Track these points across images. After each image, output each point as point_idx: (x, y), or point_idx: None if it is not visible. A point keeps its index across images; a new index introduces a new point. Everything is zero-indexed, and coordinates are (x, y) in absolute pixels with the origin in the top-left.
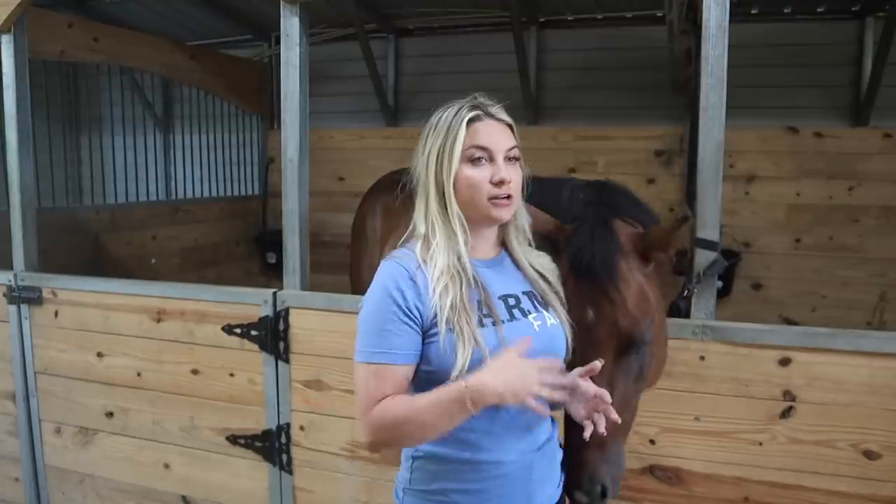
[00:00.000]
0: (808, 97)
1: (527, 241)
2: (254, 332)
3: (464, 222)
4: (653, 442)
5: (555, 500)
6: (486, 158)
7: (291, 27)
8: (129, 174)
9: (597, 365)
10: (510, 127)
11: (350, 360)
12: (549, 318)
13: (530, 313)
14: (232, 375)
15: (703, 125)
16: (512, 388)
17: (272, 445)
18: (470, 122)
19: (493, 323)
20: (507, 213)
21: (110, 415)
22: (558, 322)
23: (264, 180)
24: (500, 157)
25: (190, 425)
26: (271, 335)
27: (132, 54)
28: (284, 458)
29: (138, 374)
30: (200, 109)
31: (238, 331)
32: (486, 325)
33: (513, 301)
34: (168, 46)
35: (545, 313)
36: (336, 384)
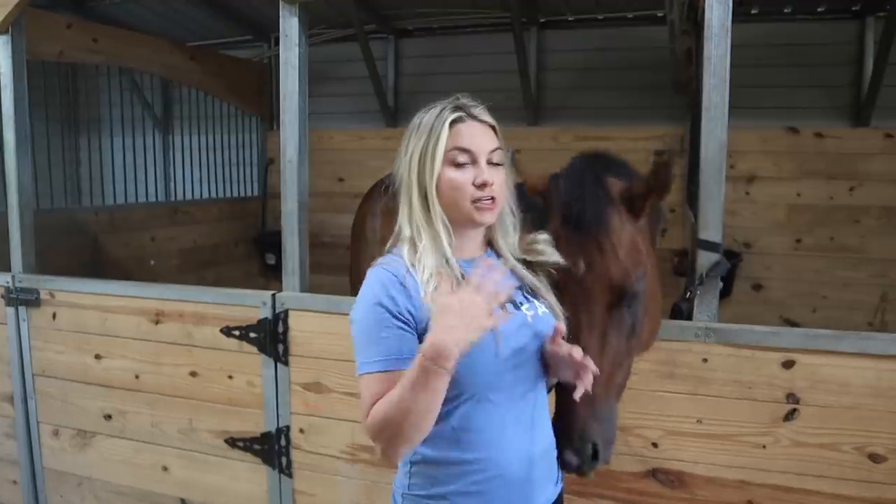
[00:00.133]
0: (808, 97)
1: (514, 239)
2: (253, 335)
3: (447, 224)
4: (655, 445)
5: (553, 498)
6: (468, 160)
7: (291, 28)
8: (128, 175)
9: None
10: (493, 128)
11: (350, 363)
12: (540, 308)
13: (522, 305)
14: (231, 378)
15: (705, 125)
16: (458, 336)
17: (271, 448)
18: (452, 123)
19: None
20: (490, 217)
21: (108, 417)
22: (550, 310)
23: (264, 181)
24: (483, 159)
25: (188, 428)
26: (270, 337)
27: (131, 55)
28: (284, 461)
29: (136, 377)
30: (200, 110)
31: (237, 333)
32: None
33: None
34: (167, 47)
35: (536, 303)
36: (335, 387)
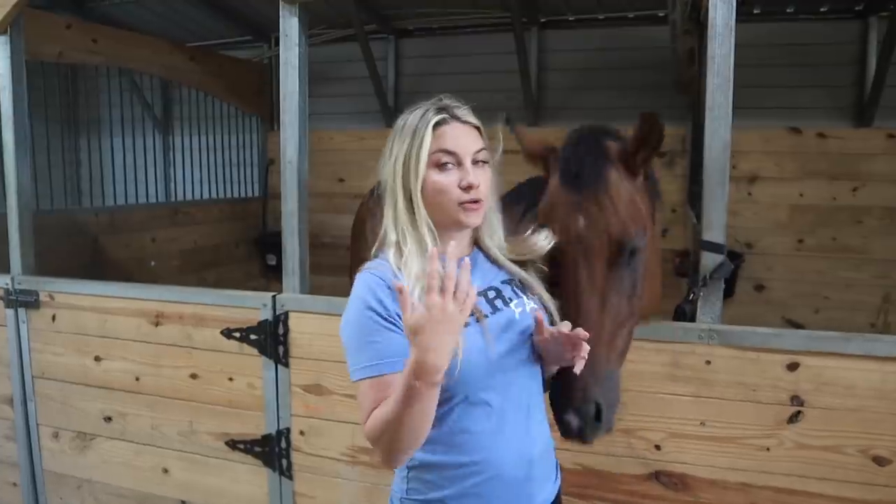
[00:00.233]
0: (811, 97)
1: (501, 237)
2: (253, 336)
3: (432, 227)
4: (658, 447)
5: (552, 496)
6: (453, 163)
7: (290, 27)
8: (128, 176)
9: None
10: (478, 129)
11: None
12: (528, 302)
13: (511, 301)
14: (231, 380)
15: (709, 125)
16: (439, 351)
17: (272, 450)
18: (436, 125)
19: (477, 320)
20: (476, 218)
21: (108, 419)
22: (540, 304)
23: (264, 182)
24: (468, 160)
25: (189, 430)
26: (271, 339)
27: (131, 56)
28: (284, 463)
29: (136, 379)
30: (200, 111)
31: (237, 335)
32: (470, 322)
33: (493, 293)
34: (167, 48)
35: (525, 298)
36: (336, 388)
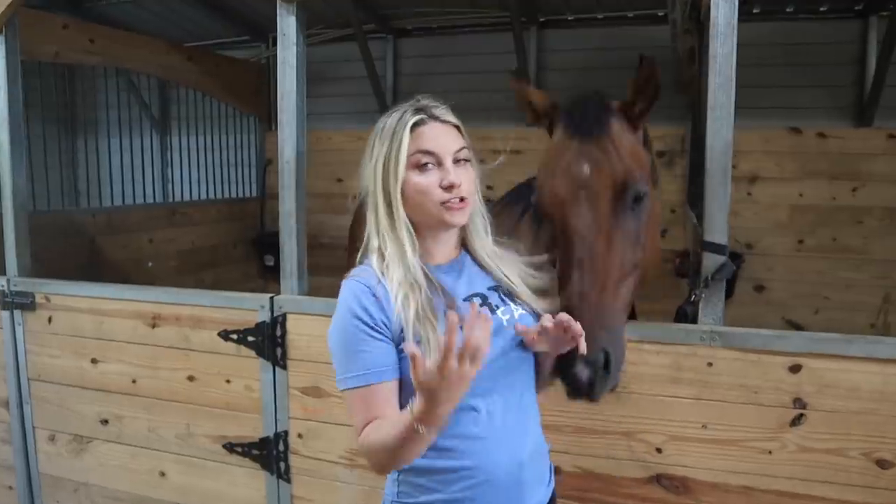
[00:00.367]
0: (810, 97)
1: (489, 238)
2: (251, 338)
3: (411, 230)
4: (659, 450)
5: (545, 500)
6: (433, 163)
7: (288, 26)
8: (125, 176)
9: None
10: (457, 128)
11: None
12: (516, 310)
13: (498, 308)
14: (228, 382)
15: (711, 125)
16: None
17: (270, 453)
18: (414, 126)
19: (462, 328)
20: (461, 217)
21: (105, 422)
22: (527, 311)
23: (262, 182)
24: (449, 160)
25: (186, 433)
26: (268, 341)
27: (128, 56)
28: (282, 466)
29: (133, 381)
30: (197, 111)
31: (235, 337)
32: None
33: (479, 300)
34: (165, 48)
35: (512, 305)
36: (334, 391)
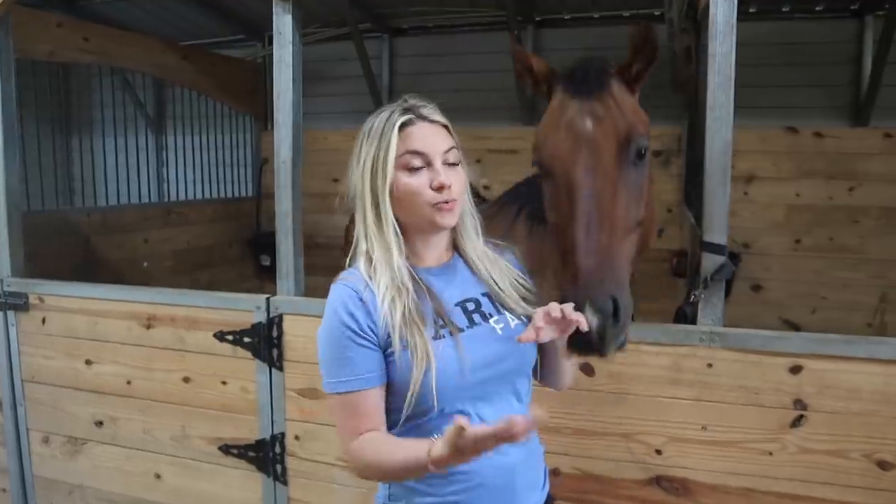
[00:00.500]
0: (807, 97)
1: (480, 239)
2: (246, 339)
3: (398, 231)
4: (659, 452)
5: (541, 503)
6: (422, 163)
7: (284, 25)
8: (120, 176)
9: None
10: (446, 127)
11: None
12: (511, 320)
13: (491, 316)
14: (224, 383)
15: (710, 125)
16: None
17: (266, 455)
18: (402, 126)
19: (451, 333)
20: (451, 219)
21: (100, 424)
22: (522, 321)
23: (258, 182)
24: (438, 160)
25: (181, 434)
26: (264, 342)
27: (123, 54)
28: (279, 468)
29: (128, 382)
30: (193, 110)
31: (230, 338)
32: (444, 335)
33: (472, 305)
34: (160, 46)
35: (507, 314)
36: None
